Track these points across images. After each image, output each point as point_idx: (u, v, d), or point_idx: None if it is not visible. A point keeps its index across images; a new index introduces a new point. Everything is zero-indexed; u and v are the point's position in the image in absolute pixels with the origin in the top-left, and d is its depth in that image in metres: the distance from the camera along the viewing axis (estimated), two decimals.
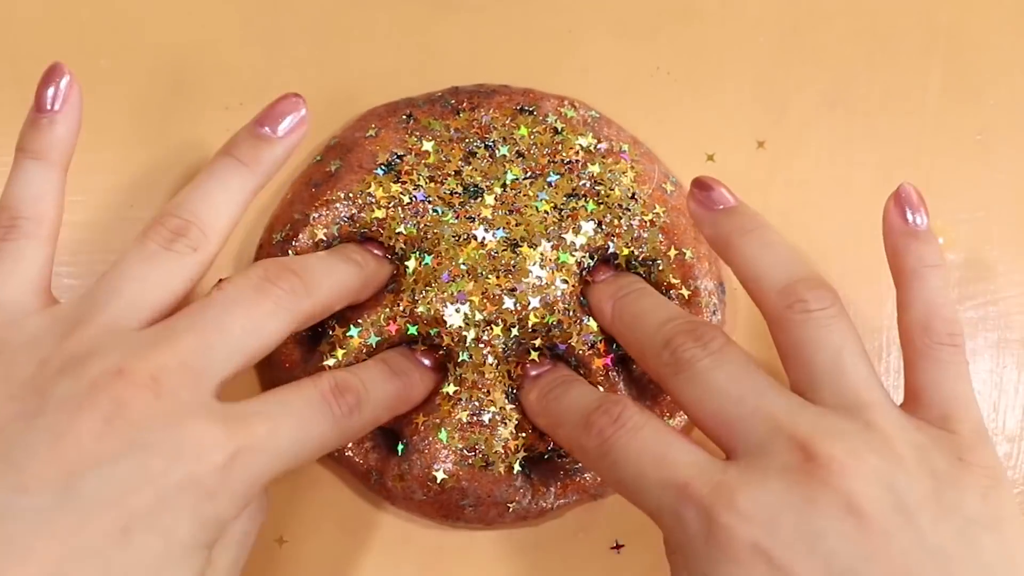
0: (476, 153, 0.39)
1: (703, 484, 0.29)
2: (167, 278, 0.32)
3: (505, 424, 0.37)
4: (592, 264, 0.38)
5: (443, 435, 0.37)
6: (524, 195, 0.38)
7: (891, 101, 0.43)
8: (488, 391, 0.37)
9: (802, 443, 0.29)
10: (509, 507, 0.37)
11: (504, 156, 0.39)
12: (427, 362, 0.37)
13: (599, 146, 0.39)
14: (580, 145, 0.39)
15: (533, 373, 0.37)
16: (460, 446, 0.37)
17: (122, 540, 0.27)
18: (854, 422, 0.30)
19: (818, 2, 0.44)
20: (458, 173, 0.39)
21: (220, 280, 0.33)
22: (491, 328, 0.37)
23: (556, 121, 0.40)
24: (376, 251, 0.38)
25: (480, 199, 0.38)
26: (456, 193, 0.38)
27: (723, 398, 0.31)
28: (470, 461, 0.37)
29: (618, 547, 0.39)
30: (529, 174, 0.39)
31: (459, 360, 0.37)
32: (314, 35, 0.42)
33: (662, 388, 0.33)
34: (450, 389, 0.37)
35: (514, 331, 0.37)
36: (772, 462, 0.29)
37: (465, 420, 0.37)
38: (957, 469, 0.29)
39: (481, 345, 0.37)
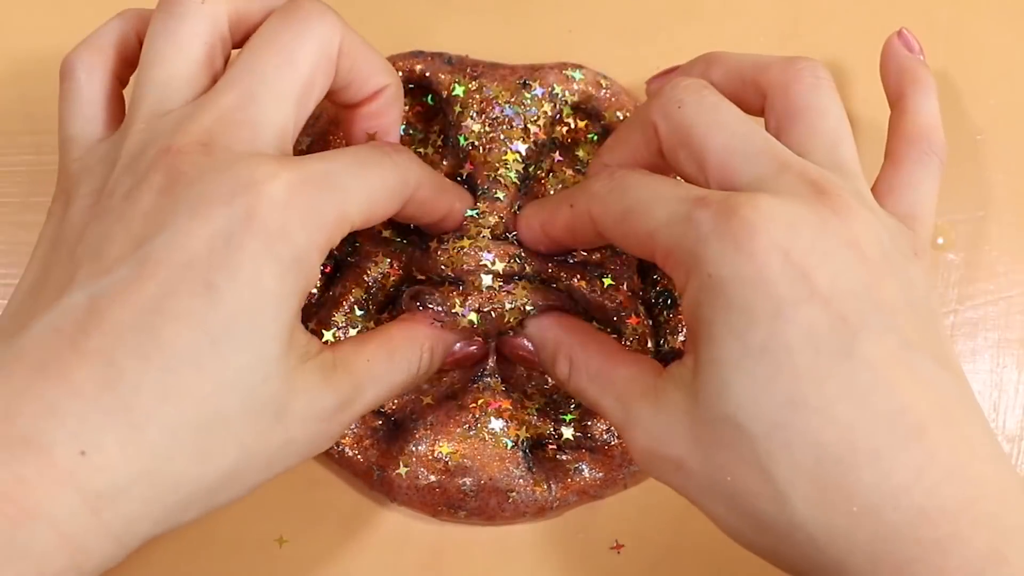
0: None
1: (719, 195, 0.29)
2: (185, 40, 0.32)
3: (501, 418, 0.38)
4: None
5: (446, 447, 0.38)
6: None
7: None
8: (493, 394, 0.38)
9: (812, 181, 0.29)
10: (509, 496, 0.37)
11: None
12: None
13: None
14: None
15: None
16: (464, 426, 0.38)
17: (209, 296, 0.27)
18: (848, 183, 0.31)
19: (818, 2, 0.44)
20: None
21: None
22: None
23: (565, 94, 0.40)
24: None
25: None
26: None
27: (730, 132, 0.31)
28: (471, 433, 0.37)
29: (618, 547, 0.39)
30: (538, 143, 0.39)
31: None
32: None
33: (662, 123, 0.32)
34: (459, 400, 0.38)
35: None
36: (784, 189, 0.29)
37: (466, 426, 0.38)
38: (914, 257, 0.31)
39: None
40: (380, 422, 0.39)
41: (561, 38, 0.43)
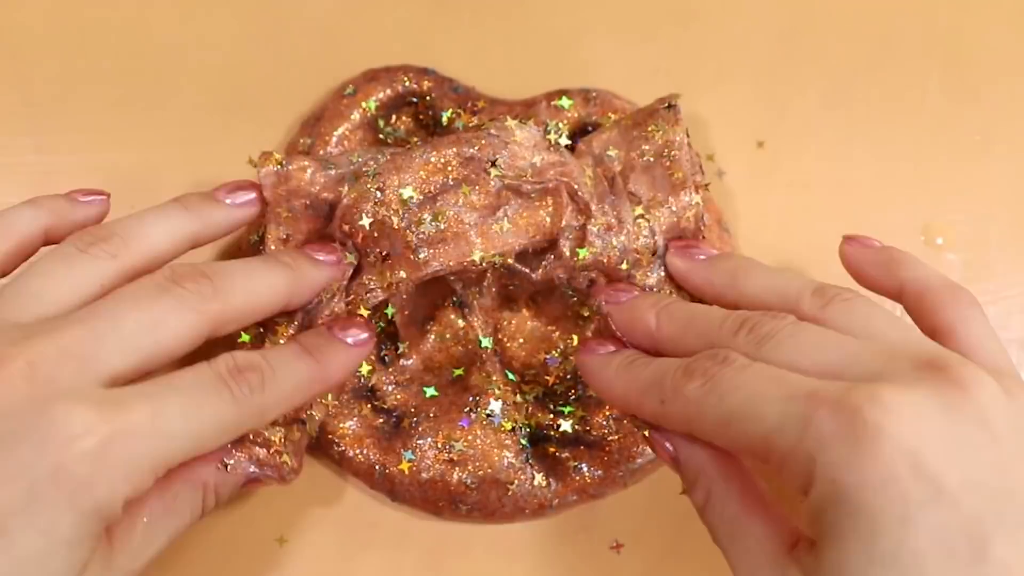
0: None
1: (834, 390, 0.27)
2: (76, 276, 0.32)
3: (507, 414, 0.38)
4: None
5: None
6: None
7: (891, 101, 0.43)
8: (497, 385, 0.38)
9: (929, 361, 0.28)
10: (509, 489, 0.38)
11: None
12: (355, 336, 0.35)
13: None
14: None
15: (602, 351, 0.35)
16: (465, 410, 0.38)
17: (2, 539, 0.27)
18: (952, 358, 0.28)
19: (818, 2, 0.44)
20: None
21: None
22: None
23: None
24: (321, 254, 0.36)
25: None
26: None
27: (823, 347, 0.29)
28: (472, 417, 0.38)
29: (618, 547, 0.39)
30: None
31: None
32: (314, 36, 0.43)
33: None
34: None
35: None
36: (901, 376, 0.27)
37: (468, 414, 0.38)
38: None
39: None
40: (381, 420, 0.39)
41: (561, 40, 0.43)
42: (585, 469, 0.38)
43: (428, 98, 0.41)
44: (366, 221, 0.35)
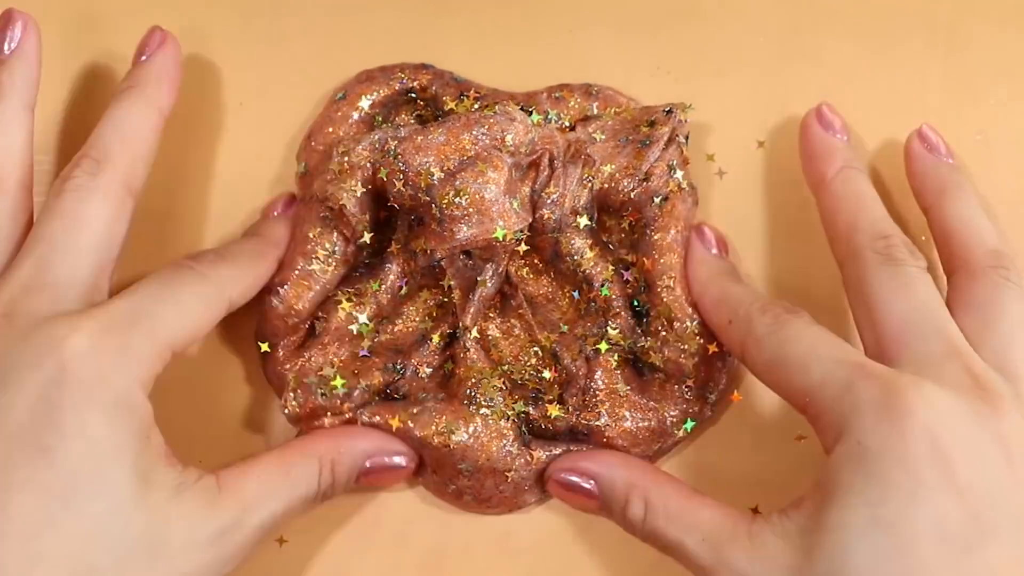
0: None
1: (882, 369, 0.30)
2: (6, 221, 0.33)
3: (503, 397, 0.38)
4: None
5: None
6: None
7: (891, 101, 0.43)
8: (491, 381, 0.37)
9: (976, 375, 0.31)
10: (508, 475, 0.37)
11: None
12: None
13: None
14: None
15: (710, 248, 0.38)
16: (464, 402, 0.37)
17: (45, 458, 0.27)
18: (1010, 386, 0.31)
19: (818, 2, 0.44)
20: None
21: None
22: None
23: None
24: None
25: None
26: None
27: (915, 307, 0.32)
28: (471, 409, 0.37)
29: (618, 547, 0.39)
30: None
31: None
32: (314, 35, 0.43)
33: (847, 271, 0.36)
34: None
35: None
36: (947, 377, 0.30)
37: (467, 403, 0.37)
38: None
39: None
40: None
41: (561, 37, 0.43)
42: None
43: (428, 91, 0.41)
44: (400, 193, 0.37)
